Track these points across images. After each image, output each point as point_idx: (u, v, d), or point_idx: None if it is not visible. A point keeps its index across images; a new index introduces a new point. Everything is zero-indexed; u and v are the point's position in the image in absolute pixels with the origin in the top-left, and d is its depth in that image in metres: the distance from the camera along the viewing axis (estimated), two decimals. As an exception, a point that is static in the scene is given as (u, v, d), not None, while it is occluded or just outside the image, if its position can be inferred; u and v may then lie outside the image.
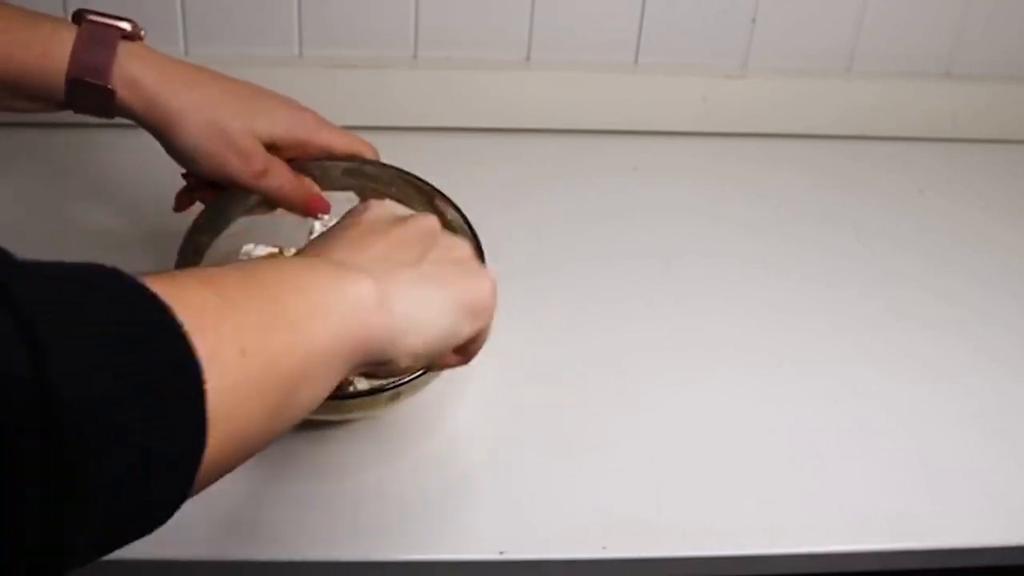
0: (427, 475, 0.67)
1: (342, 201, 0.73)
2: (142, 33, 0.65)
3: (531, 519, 0.64)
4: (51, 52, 0.61)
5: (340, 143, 0.72)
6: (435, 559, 0.62)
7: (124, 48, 0.63)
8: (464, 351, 0.55)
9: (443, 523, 0.64)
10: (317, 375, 0.43)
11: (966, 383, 0.78)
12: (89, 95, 0.63)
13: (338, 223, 0.54)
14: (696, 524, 0.65)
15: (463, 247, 0.55)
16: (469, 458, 0.68)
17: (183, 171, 0.70)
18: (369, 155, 0.74)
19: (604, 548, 0.63)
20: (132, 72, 0.63)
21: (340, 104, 0.96)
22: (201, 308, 0.37)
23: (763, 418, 0.73)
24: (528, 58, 0.99)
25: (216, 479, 0.39)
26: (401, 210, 0.55)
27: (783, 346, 0.80)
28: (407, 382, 0.63)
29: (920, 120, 1.04)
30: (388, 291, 0.47)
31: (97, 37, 0.62)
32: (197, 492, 0.38)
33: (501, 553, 0.62)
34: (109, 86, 0.62)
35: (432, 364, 0.54)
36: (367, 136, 0.97)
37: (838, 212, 0.95)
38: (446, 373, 0.73)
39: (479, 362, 0.75)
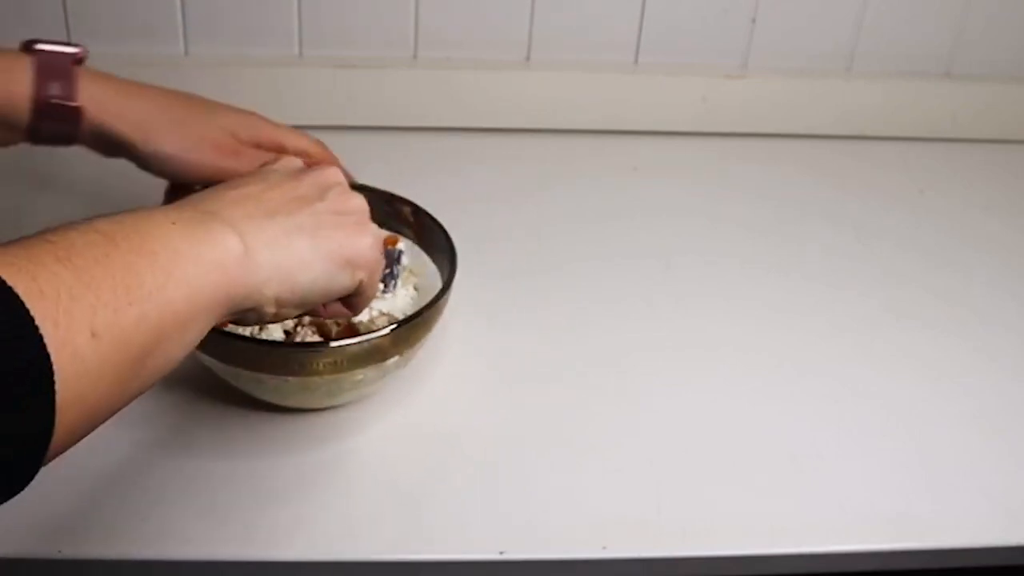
0: (426, 475, 0.67)
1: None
2: (87, 60, 0.67)
3: (531, 519, 0.64)
4: (14, 78, 0.63)
5: (291, 140, 0.74)
6: (435, 559, 0.62)
7: (82, 72, 0.65)
8: (349, 304, 0.57)
9: (443, 523, 0.64)
10: (173, 337, 0.44)
11: (966, 383, 0.78)
12: (56, 117, 0.64)
13: (246, 175, 0.56)
14: (696, 524, 0.65)
15: (355, 201, 0.56)
16: (469, 458, 0.68)
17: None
18: (317, 152, 0.74)
19: (604, 548, 0.63)
20: (96, 91, 0.65)
21: (340, 104, 0.97)
22: (54, 290, 0.38)
23: (763, 418, 0.73)
24: (528, 58, 0.99)
25: (69, 447, 0.41)
26: (299, 165, 0.57)
27: (783, 346, 0.80)
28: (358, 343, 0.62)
29: (920, 120, 1.04)
30: (253, 242, 0.48)
31: (54, 63, 0.64)
32: (49, 462, 0.40)
33: (501, 553, 0.62)
34: (76, 104, 0.64)
35: (311, 312, 0.56)
36: (367, 136, 0.97)
37: (838, 212, 0.95)
38: (441, 369, 0.73)
39: (479, 362, 0.75)
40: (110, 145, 0.67)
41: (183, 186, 0.70)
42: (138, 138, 0.66)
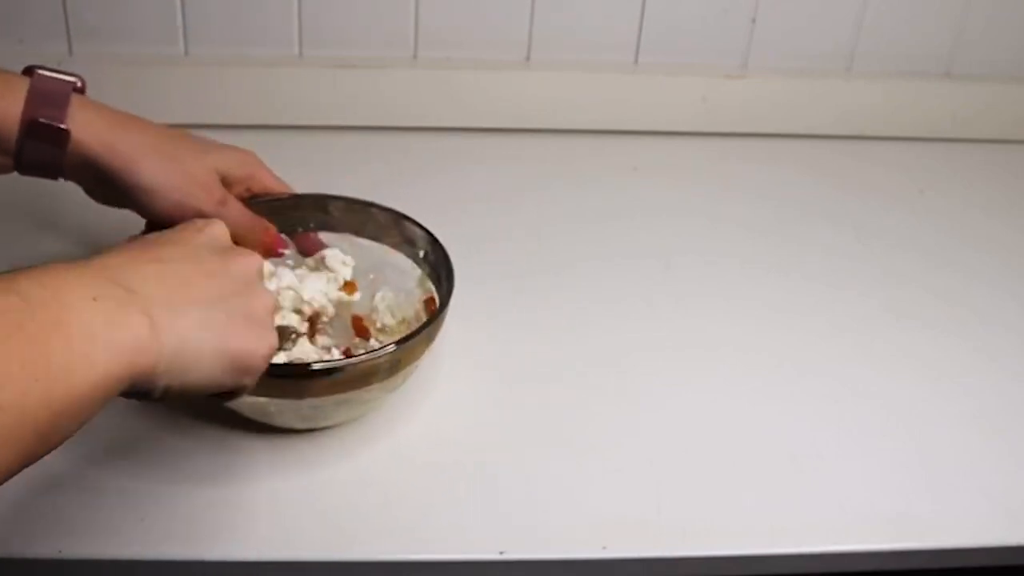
0: (426, 475, 0.67)
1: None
2: (86, 91, 0.66)
3: (531, 519, 0.64)
4: (7, 98, 0.63)
5: (278, 185, 0.73)
6: (435, 559, 0.62)
7: (76, 99, 0.64)
8: (221, 396, 0.56)
9: (443, 523, 0.64)
10: (73, 416, 0.43)
11: (966, 383, 0.78)
12: (44, 139, 0.63)
13: (169, 231, 0.55)
14: (696, 524, 0.65)
15: (265, 301, 0.55)
16: (469, 458, 0.68)
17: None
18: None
19: (604, 548, 0.63)
20: (87, 119, 0.64)
21: (340, 104, 0.97)
22: None
23: (763, 418, 0.73)
24: (528, 58, 0.99)
25: None
26: (226, 239, 0.57)
27: (783, 346, 0.80)
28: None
29: (920, 120, 1.04)
30: (166, 332, 0.48)
31: (50, 87, 0.64)
32: None
33: (501, 553, 0.62)
34: (64, 126, 0.63)
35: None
36: (367, 136, 0.97)
37: (838, 212, 0.95)
38: (441, 370, 0.73)
39: (479, 362, 0.75)
40: (96, 176, 0.66)
41: (160, 228, 0.69)
42: (125, 169, 0.65)
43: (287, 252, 0.74)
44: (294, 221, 0.75)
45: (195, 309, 0.50)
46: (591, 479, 0.67)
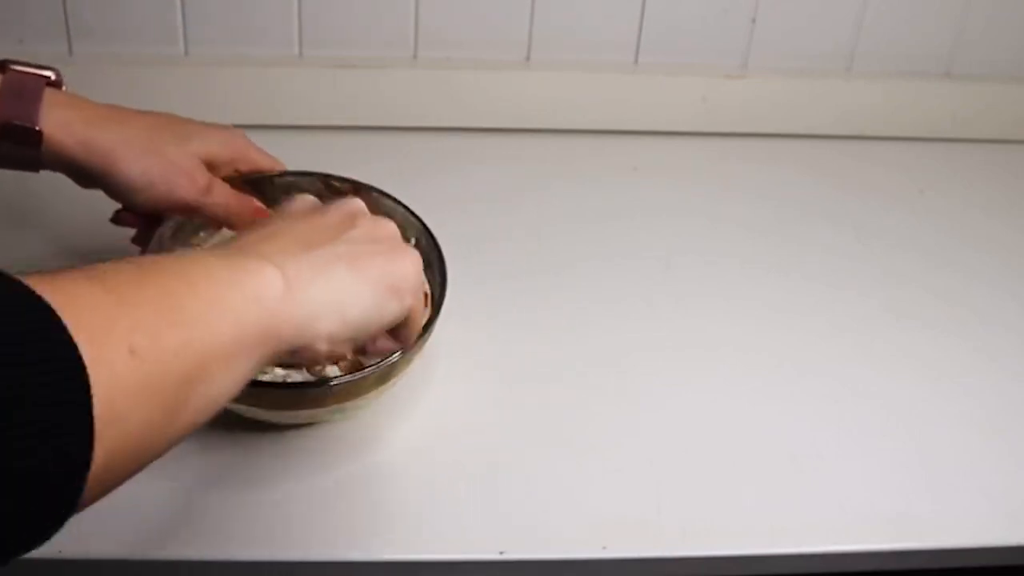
0: (426, 475, 0.67)
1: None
2: (64, 85, 0.65)
3: (531, 519, 0.64)
4: None
5: (266, 162, 0.73)
6: (435, 559, 0.62)
7: (50, 94, 0.63)
8: (398, 335, 0.55)
9: (443, 523, 0.64)
10: (216, 372, 0.42)
11: (966, 383, 0.78)
12: (17, 140, 0.62)
13: (319, 213, 0.54)
14: (696, 524, 0.65)
15: (386, 226, 0.54)
16: (469, 458, 0.68)
17: (112, 216, 0.70)
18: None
19: (604, 548, 0.63)
20: (61, 116, 0.63)
21: (340, 104, 0.97)
22: (89, 306, 0.37)
23: (763, 418, 0.73)
24: (528, 58, 0.99)
25: (112, 488, 0.38)
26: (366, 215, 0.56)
27: (783, 346, 0.80)
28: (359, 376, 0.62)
29: (920, 120, 1.04)
30: (295, 276, 0.46)
31: (22, 84, 0.62)
32: (91, 502, 0.37)
33: (501, 553, 0.62)
34: (37, 127, 0.62)
35: (363, 348, 0.55)
36: (367, 136, 0.97)
37: (838, 212, 0.95)
38: (441, 370, 0.73)
39: (479, 362, 0.75)
40: (77, 173, 0.65)
41: (155, 218, 0.69)
42: (104, 167, 0.64)
43: None
44: (280, 199, 0.74)
45: (315, 250, 0.49)
46: (591, 479, 0.67)
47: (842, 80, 1.02)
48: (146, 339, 0.38)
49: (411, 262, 0.53)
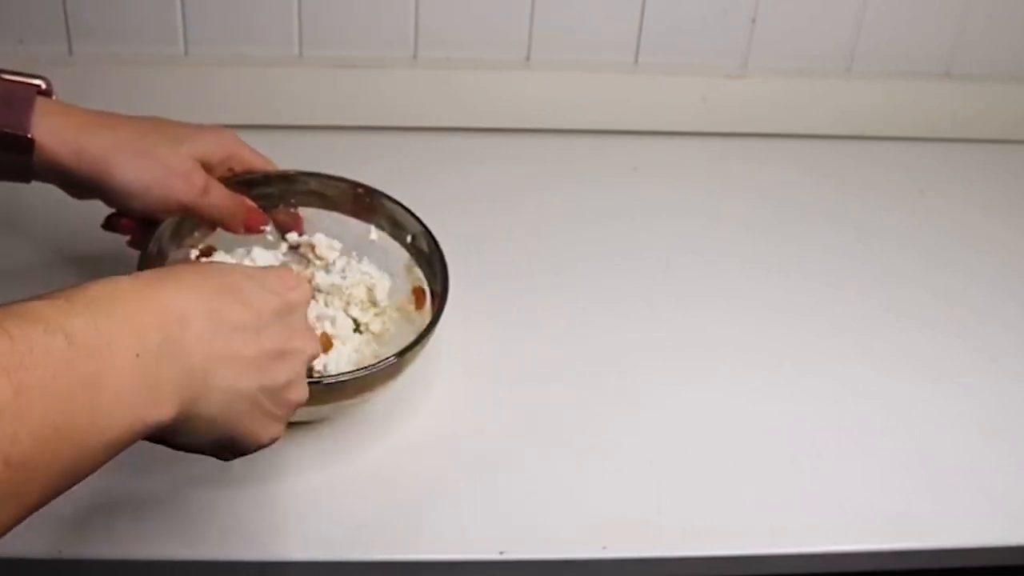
0: (427, 475, 0.67)
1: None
2: (54, 93, 0.65)
3: (531, 519, 0.64)
4: None
5: (259, 160, 0.73)
6: (435, 559, 0.62)
7: (41, 103, 0.63)
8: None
9: (443, 523, 0.64)
10: (79, 472, 0.42)
11: (966, 383, 0.78)
12: (8, 149, 0.62)
13: (256, 277, 0.52)
14: (696, 524, 0.65)
15: (298, 396, 0.53)
16: (469, 458, 0.68)
17: (104, 222, 0.70)
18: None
19: (604, 548, 0.63)
20: (52, 123, 0.63)
21: (340, 104, 0.97)
22: None
23: (763, 418, 0.73)
24: (528, 58, 0.99)
25: None
26: (303, 311, 0.54)
27: (783, 346, 0.80)
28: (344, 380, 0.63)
29: (920, 120, 1.04)
30: (189, 406, 0.46)
31: (13, 93, 0.62)
32: None
33: (501, 553, 0.62)
34: (29, 135, 0.61)
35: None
36: (367, 136, 0.97)
37: (838, 212, 0.95)
38: (441, 369, 0.73)
39: (479, 362, 0.75)
40: (70, 183, 0.65)
41: (150, 222, 0.68)
42: (98, 174, 0.64)
43: (267, 229, 0.73)
44: (275, 198, 0.75)
45: (229, 390, 0.48)
46: (591, 479, 0.67)
47: (842, 80, 1.02)
48: (23, 451, 0.38)
49: (270, 438, 0.52)
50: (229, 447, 0.51)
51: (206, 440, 0.49)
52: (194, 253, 0.72)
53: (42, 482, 0.40)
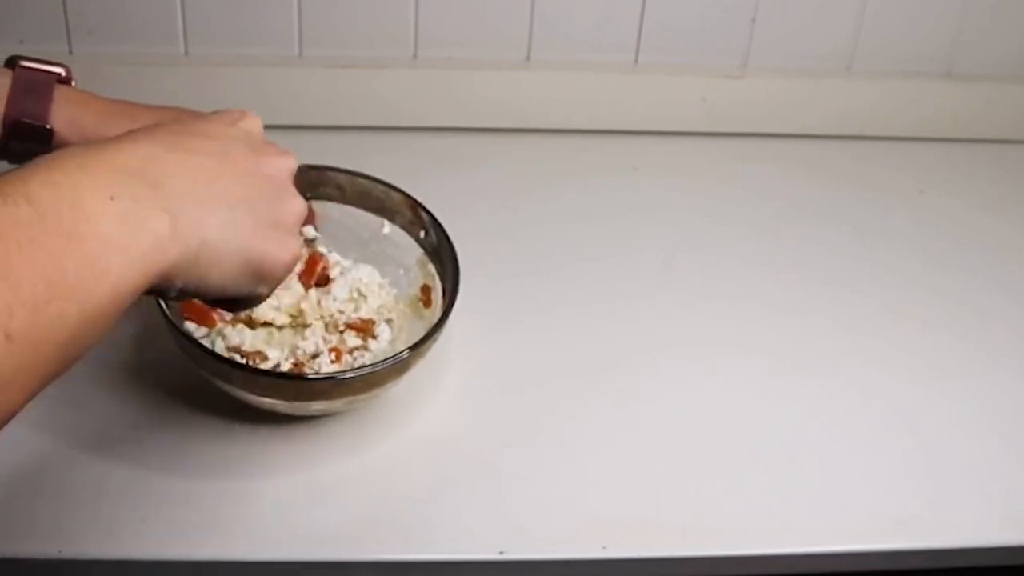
0: (426, 475, 0.67)
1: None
2: (74, 80, 0.65)
3: (531, 519, 0.64)
4: None
5: None
6: (435, 559, 0.62)
7: (60, 92, 0.63)
8: (229, 306, 0.53)
9: (442, 523, 0.64)
10: (90, 332, 0.41)
11: (966, 383, 0.78)
12: (27, 138, 0.62)
13: (201, 119, 0.51)
14: (696, 524, 0.65)
15: (296, 207, 0.53)
16: (469, 458, 0.68)
17: None
18: None
19: (604, 548, 0.63)
20: (71, 114, 0.63)
21: (340, 104, 0.97)
22: None
23: (763, 418, 0.73)
24: (528, 58, 0.99)
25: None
26: (260, 134, 0.54)
27: (783, 346, 0.80)
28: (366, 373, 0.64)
29: (920, 120, 1.04)
30: (188, 233, 0.45)
31: (33, 81, 0.62)
32: None
33: (501, 553, 0.62)
34: (48, 126, 0.62)
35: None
36: (367, 136, 0.97)
37: (838, 212, 0.95)
38: (441, 369, 0.73)
39: (479, 362, 0.75)
40: None
41: None
42: None
43: None
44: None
45: (221, 208, 0.47)
46: (591, 479, 0.67)
47: (842, 80, 1.02)
48: (24, 320, 0.38)
49: (292, 256, 0.51)
50: (256, 272, 0.50)
51: (232, 270, 0.48)
52: None
53: (50, 350, 0.39)
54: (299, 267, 0.72)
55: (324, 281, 0.73)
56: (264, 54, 0.95)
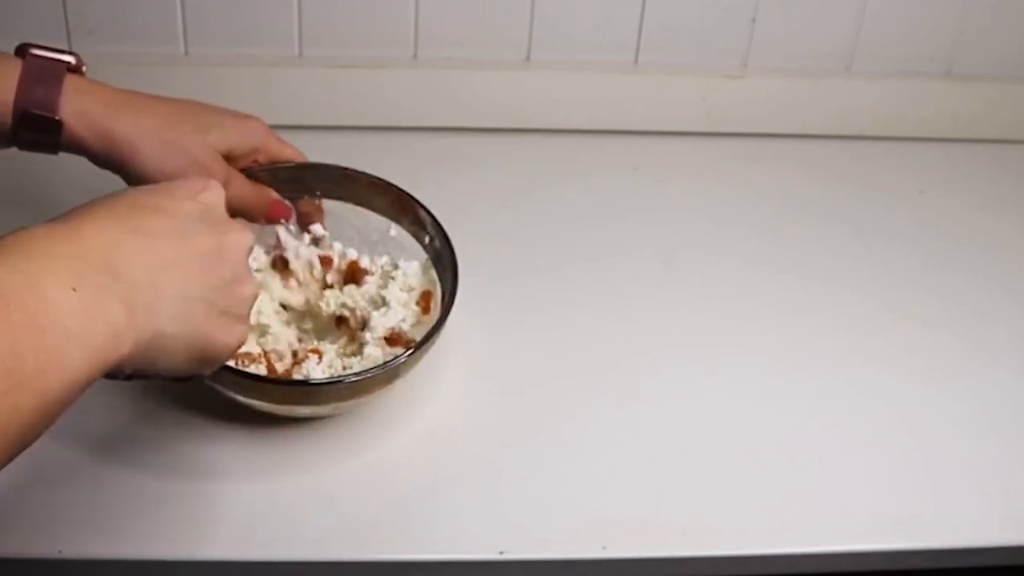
0: (427, 475, 0.67)
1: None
2: (84, 68, 0.65)
3: (531, 519, 0.64)
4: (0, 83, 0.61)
5: (288, 151, 0.73)
6: (435, 559, 0.62)
7: (70, 81, 0.63)
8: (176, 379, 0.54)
9: (442, 523, 0.64)
10: (42, 422, 0.41)
11: (966, 383, 0.78)
12: (36, 128, 0.62)
13: (161, 191, 0.51)
14: (696, 524, 0.65)
15: (248, 291, 0.53)
16: (469, 458, 0.68)
17: None
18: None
19: (604, 548, 0.63)
20: (81, 104, 0.63)
21: (340, 104, 0.97)
22: None
23: (763, 418, 0.73)
24: (528, 58, 0.99)
25: None
26: (221, 209, 0.54)
27: (783, 346, 0.80)
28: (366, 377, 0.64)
29: (920, 120, 1.04)
30: (143, 320, 0.46)
31: (43, 70, 0.62)
32: None
33: (501, 553, 0.62)
34: (57, 117, 0.62)
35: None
36: (367, 136, 0.97)
37: (838, 212, 0.95)
38: (441, 369, 0.73)
39: (479, 362, 0.75)
40: (95, 161, 0.65)
41: None
42: (122, 159, 0.64)
43: (289, 225, 0.74)
44: (302, 189, 0.75)
45: (176, 299, 0.48)
46: (591, 479, 0.67)
47: (842, 80, 1.02)
48: None
49: (237, 340, 0.52)
50: (202, 359, 0.51)
51: (179, 359, 0.49)
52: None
53: (6, 439, 0.39)
54: (318, 271, 0.73)
55: (354, 277, 0.73)
56: (264, 54, 0.95)
